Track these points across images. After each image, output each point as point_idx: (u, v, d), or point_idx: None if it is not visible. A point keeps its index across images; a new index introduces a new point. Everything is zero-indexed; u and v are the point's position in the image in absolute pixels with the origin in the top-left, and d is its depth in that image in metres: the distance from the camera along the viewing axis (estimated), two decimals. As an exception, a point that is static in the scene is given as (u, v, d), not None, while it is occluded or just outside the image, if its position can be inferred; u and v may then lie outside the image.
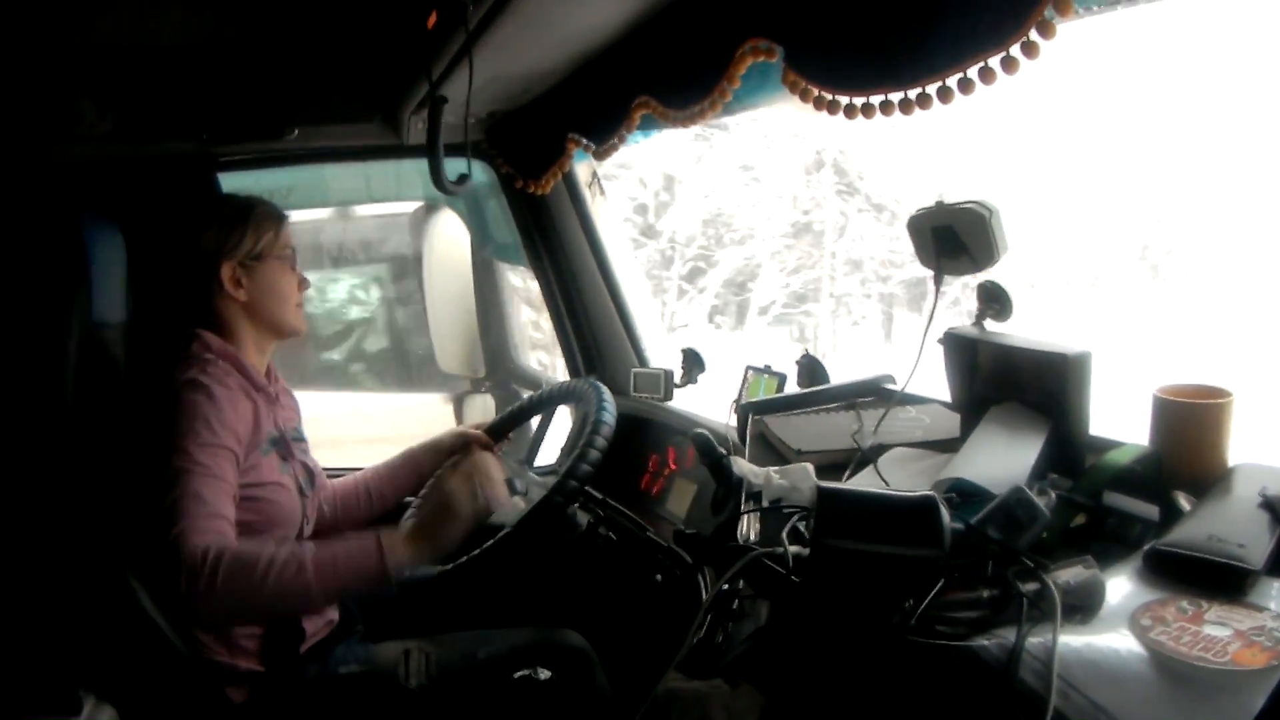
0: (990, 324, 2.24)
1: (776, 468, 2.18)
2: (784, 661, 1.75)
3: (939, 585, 1.59)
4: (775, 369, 3.03)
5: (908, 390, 2.47)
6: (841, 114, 1.93)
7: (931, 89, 1.72)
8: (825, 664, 1.68)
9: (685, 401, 3.40)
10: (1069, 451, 2.05)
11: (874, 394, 2.65)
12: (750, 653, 1.82)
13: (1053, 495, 1.81)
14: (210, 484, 2.20)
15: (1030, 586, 1.57)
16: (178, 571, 2.05)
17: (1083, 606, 1.57)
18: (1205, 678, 1.39)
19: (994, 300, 2.18)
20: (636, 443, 3.17)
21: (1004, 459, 2.01)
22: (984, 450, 2.07)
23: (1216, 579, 1.61)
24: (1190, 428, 1.95)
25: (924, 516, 1.62)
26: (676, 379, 3.38)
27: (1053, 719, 1.37)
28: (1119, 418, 2.01)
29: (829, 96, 1.95)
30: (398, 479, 2.86)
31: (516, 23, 2.20)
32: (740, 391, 3.15)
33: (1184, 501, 1.84)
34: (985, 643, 1.51)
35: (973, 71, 1.62)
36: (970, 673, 1.49)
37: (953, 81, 1.67)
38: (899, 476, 2.14)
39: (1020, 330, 2.15)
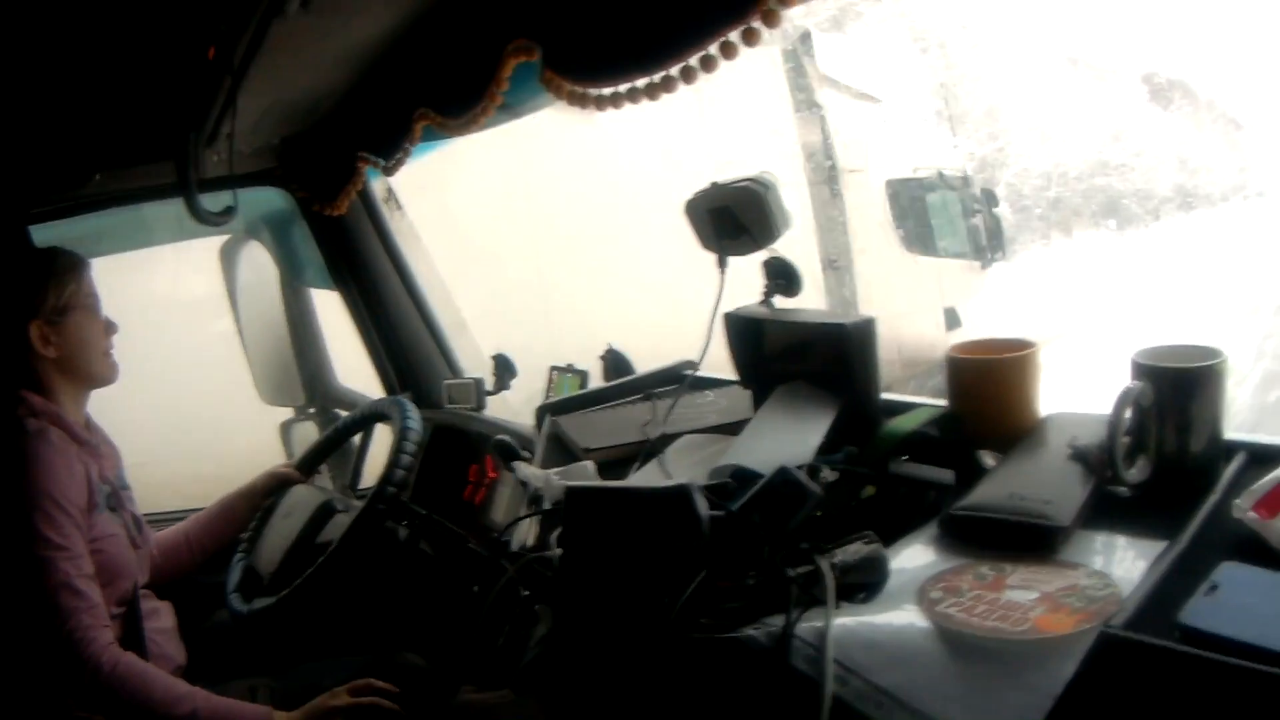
0: (780, 300, 2.16)
1: (558, 469, 2.09)
2: (563, 667, 1.62)
3: (700, 577, 1.48)
4: (578, 367, 2.91)
5: (705, 373, 2.41)
6: (593, 106, 1.94)
7: (676, 70, 1.72)
8: (600, 667, 1.57)
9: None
10: (862, 423, 1.95)
11: (673, 382, 2.49)
12: (537, 660, 1.70)
13: (826, 472, 1.72)
14: (74, 567, 2.17)
15: (804, 569, 1.45)
16: (78, 669, 2.10)
17: (866, 584, 1.45)
18: (1002, 649, 1.29)
19: (781, 276, 2.10)
20: (455, 454, 3.05)
21: (788, 438, 1.89)
22: (766, 432, 1.96)
23: (1022, 539, 1.51)
24: (987, 384, 1.88)
25: (677, 507, 1.52)
26: (488, 386, 3.23)
27: (832, 706, 1.27)
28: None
29: (581, 90, 1.93)
30: (215, 528, 2.74)
31: (290, 46, 2.10)
32: (546, 392, 3.03)
33: (990, 460, 1.75)
34: (753, 632, 1.40)
35: (714, 48, 1.62)
36: (745, 664, 1.39)
37: (695, 60, 1.67)
38: (684, 465, 2.04)
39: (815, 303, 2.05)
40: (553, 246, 6.36)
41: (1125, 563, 1.46)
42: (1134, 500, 1.61)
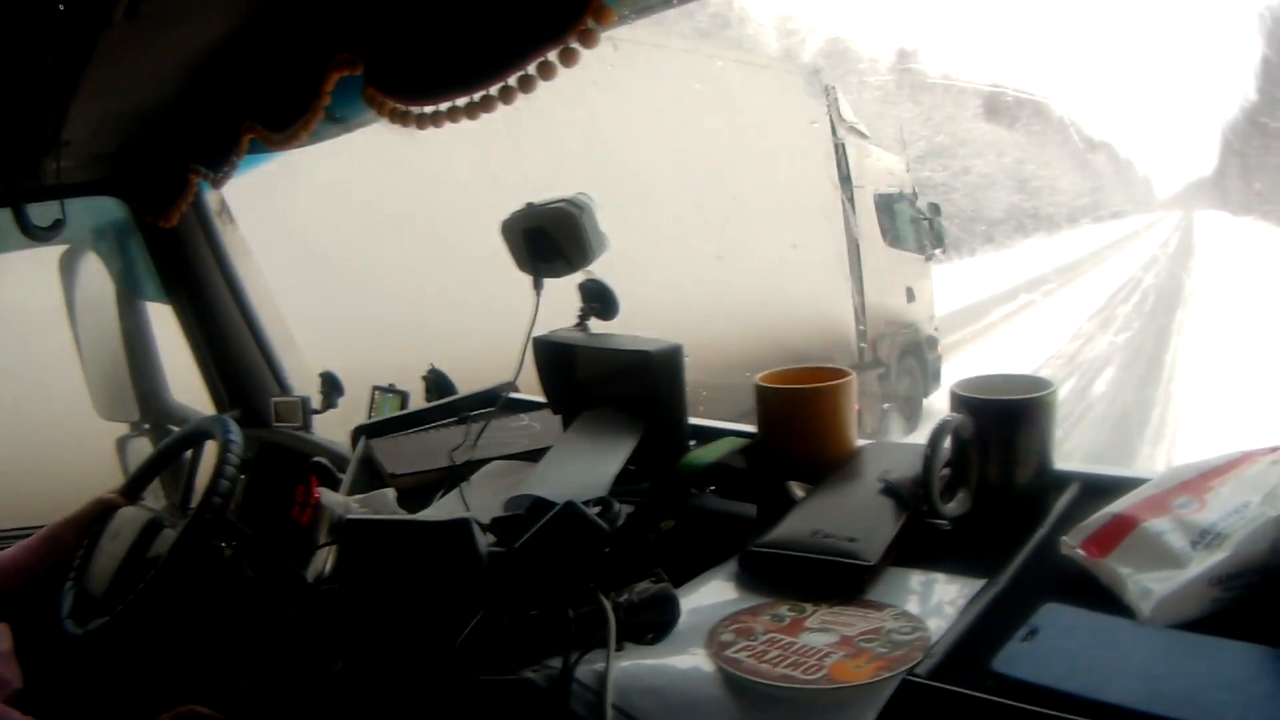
0: (595, 324, 2.07)
1: (360, 496, 1.99)
2: (344, 705, 1.51)
3: (480, 615, 1.37)
4: (399, 387, 2.80)
5: (523, 396, 2.33)
6: (414, 124, 1.90)
7: (495, 90, 1.70)
8: (379, 706, 1.44)
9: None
10: (668, 452, 1.85)
11: (491, 404, 2.38)
12: (321, 696, 1.58)
13: (616, 506, 1.59)
14: None
15: (588, 608, 1.33)
16: None
17: (655, 625, 1.33)
18: (791, 699, 1.16)
19: (596, 299, 2.00)
20: (281, 474, 2.92)
21: (586, 468, 1.79)
22: (565, 461, 1.86)
23: (825, 579, 1.40)
24: (797, 414, 1.76)
25: (456, 542, 1.43)
26: (315, 405, 3.10)
27: None
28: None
29: (403, 108, 1.90)
30: (41, 555, 2.59)
31: (120, 54, 2.06)
32: (369, 412, 2.93)
33: (799, 492, 1.64)
34: (531, 674, 1.29)
35: (533, 68, 1.60)
36: (524, 707, 1.29)
37: (514, 80, 1.65)
38: (486, 493, 1.93)
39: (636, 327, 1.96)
40: (393, 263, 6.23)
41: (940, 603, 1.35)
42: (955, 536, 1.51)
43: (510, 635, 1.34)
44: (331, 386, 3.13)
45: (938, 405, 10.99)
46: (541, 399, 2.19)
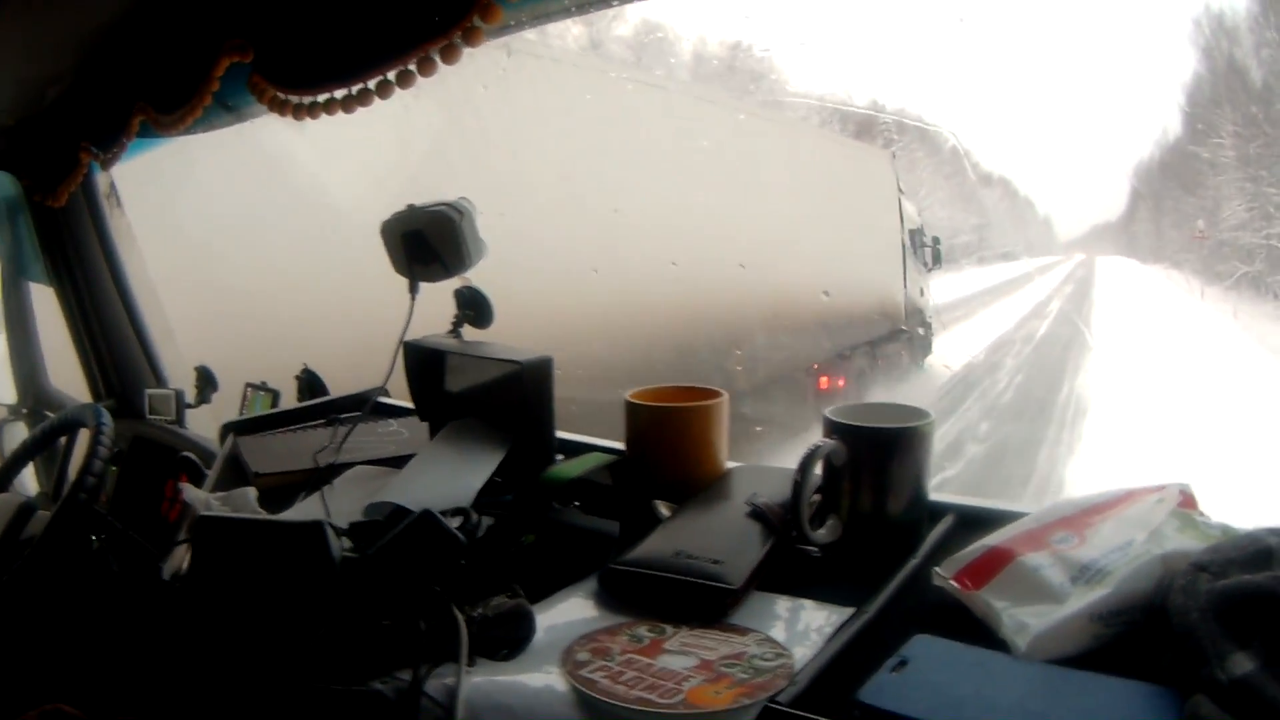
0: (469, 332, 1.98)
1: (221, 494, 1.87)
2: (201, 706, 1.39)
3: (330, 622, 1.27)
4: (271, 385, 2.69)
5: (394, 401, 2.25)
6: (291, 113, 1.86)
7: (373, 84, 1.67)
8: (221, 714, 1.34)
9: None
10: (535, 465, 1.76)
11: (361, 407, 2.27)
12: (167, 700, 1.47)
13: (475, 518, 1.50)
14: None
15: (442, 620, 1.25)
16: None
17: (510, 640, 1.25)
18: None
19: (471, 306, 1.92)
20: (153, 468, 2.79)
21: (450, 478, 1.69)
22: (429, 469, 1.76)
23: (687, 600, 1.32)
24: (666, 431, 1.68)
25: (309, 545, 1.33)
26: (190, 399, 2.97)
27: None
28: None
29: (283, 97, 1.85)
30: None
31: (12, 25, 2.03)
32: (241, 409, 2.84)
33: (665, 511, 1.56)
34: (380, 686, 1.20)
35: (413, 64, 1.58)
36: (374, 719, 1.18)
37: (394, 75, 1.62)
38: (347, 498, 1.82)
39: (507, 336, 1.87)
40: (273, 261, 6.07)
41: (807, 631, 1.27)
42: (825, 563, 1.44)
43: (360, 644, 1.25)
44: (206, 381, 3.01)
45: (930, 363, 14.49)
46: (412, 404, 2.08)
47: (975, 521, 1.45)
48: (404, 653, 1.22)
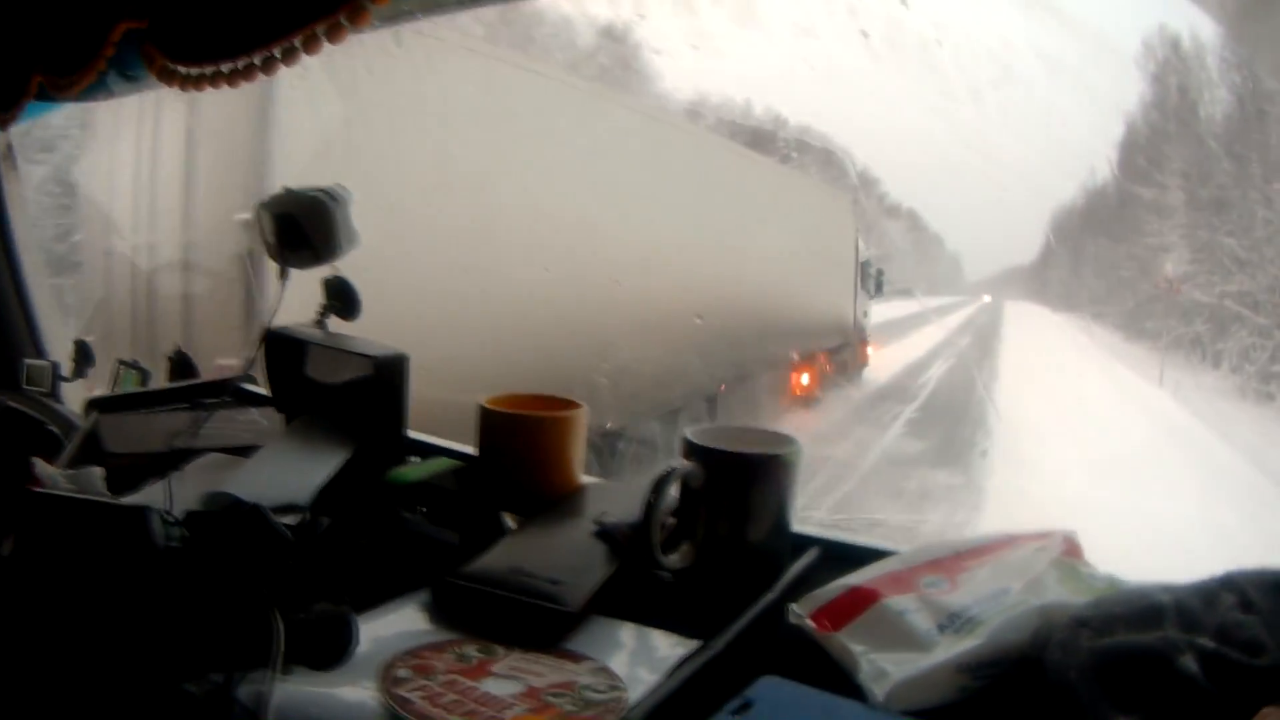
0: (336, 323, 1.89)
1: (69, 471, 1.77)
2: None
3: (146, 615, 1.17)
4: (143, 364, 2.58)
5: (259, 389, 2.15)
6: (179, 85, 1.77)
7: (259, 59, 1.59)
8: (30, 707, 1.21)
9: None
10: (383, 466, 1.67)
11: (227, 394, 2.23)
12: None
13: (309, 517, 1.43)
14: None
15: (261, 623, 1.14)
16: None
17: (329, 649, 1.13)
18: None
19: (338, 297, 1.82)
20: (20, 440, 2.67)
21: (292, 473, 1.59)
22: (272, 463, 1.66)
23: (520, 621, 1.22)
24: (518, 440, 1.58)
25: (132, 530, 1.23)
26: (66, 372, 2.85)
27: None
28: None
29: (171, 67, 1.76)
30: None
31: None
32: (112, 386, 2.74)
33: (513, 524, 1.48)
34: (192, 688, 1.10)
35: (299, 40, 1.51)
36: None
37: (279, 51, 1.55)
38: (193, 485, 1.70)
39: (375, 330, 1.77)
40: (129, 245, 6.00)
41: (649, 662, 1.18)
42: (677, 591, 1.35)
43: (174, 642, 1.15)
44: (83, 356, 2.89)
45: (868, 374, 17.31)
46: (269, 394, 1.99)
47: (842, 557, 1.37)
48: (219, 654, 1.13)
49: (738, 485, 1.33)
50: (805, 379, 13.72)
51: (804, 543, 1.42)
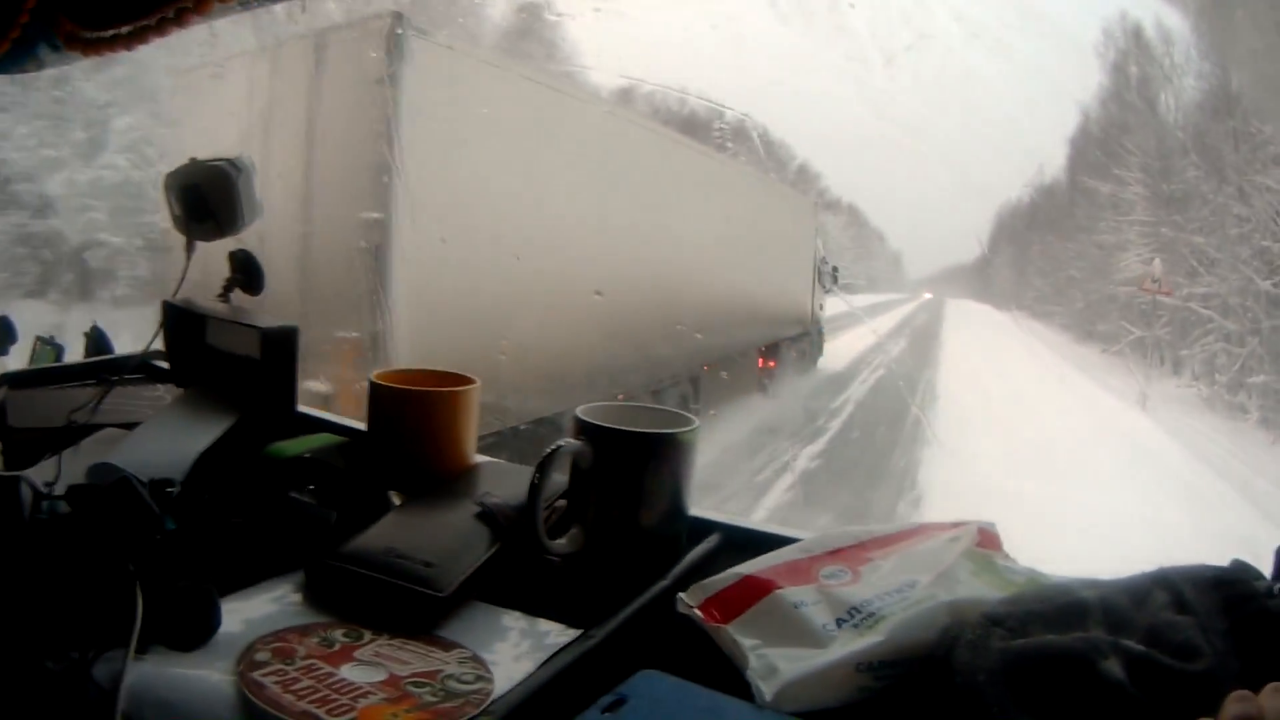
0: (240, 297, 1.82)
1: None
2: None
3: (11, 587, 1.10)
4: (59, 340, 2.52)
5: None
6: (82, 51, 1.76)
7: (154, 20, 1.57)
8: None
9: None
10: (268, 439, 1.59)
11: (134, 370, 2.11)
12: None
13: (181, 490, 1.33)
14: None
15: (124, 598, 1.08)
16: None
17: (191, 629, 1.07)
18: None
19: (242, 270, 1.74)
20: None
21: (169, 446, 1.53)
22: (152, 436, 1.60)
23: (392, 604, 1.14)
24: (407, 416, 1.50)
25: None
26: (-26, 348, 2.79)
27: None
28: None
29: (78, 33, 1.74)
30: None
31: None
32: (30, 361, 2.67)
33: (398, 503, 1.39)
34: (50, 664, 1.02)
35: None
36: (41, 698, 1.01)
37: (173, 12, 1.54)
38: (90, 459, 1.59)
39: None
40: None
41: (524, 652, 1.10)
42: (564, 577, 1.27)
43: (35, 617, 1.09)
44: (5, 332, 2.81)
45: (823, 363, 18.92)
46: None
47: (744, 544, 1.29)
48: (79, 630, 1.06)
49: (629, 466, 1.25)
50: (768, 364, 15.24)
51: (704, 528, 1.35)
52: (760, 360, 15.06)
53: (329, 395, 6.35)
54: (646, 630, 1.13)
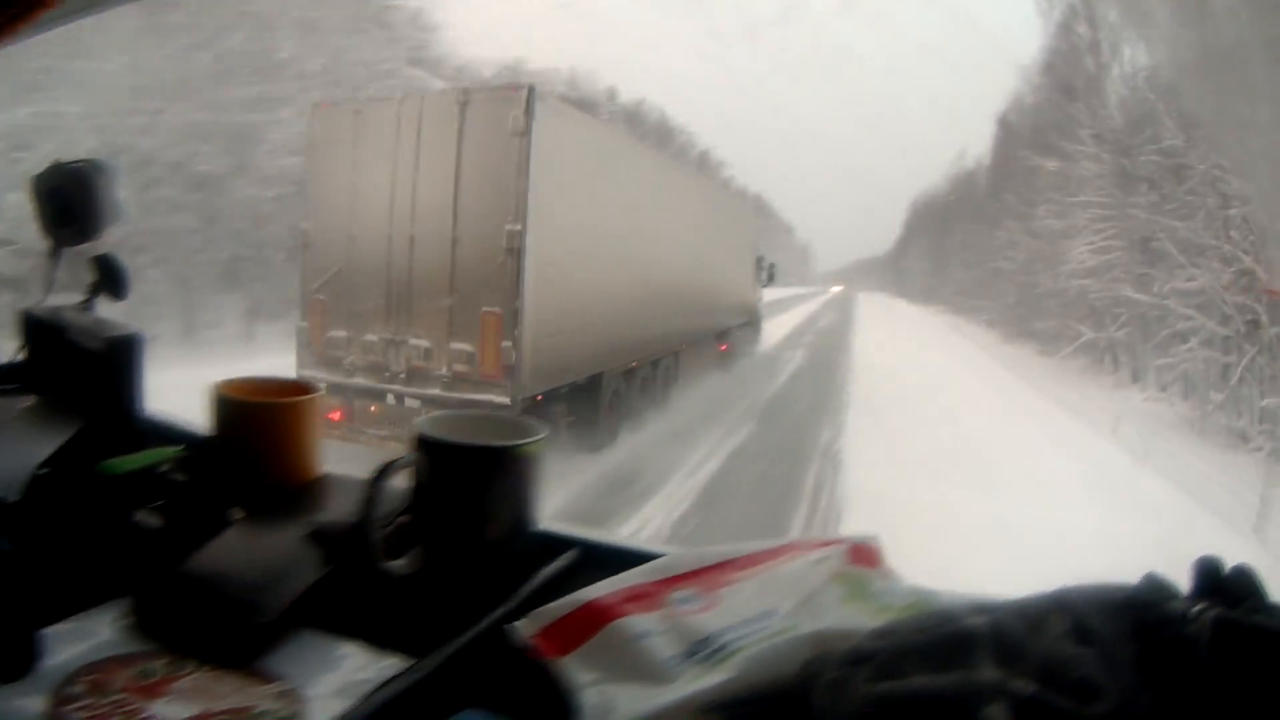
0: (104, 302, 1.48)
1: None
2: None
3: None
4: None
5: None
6: None
7: None
8: None
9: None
10: (112, 452, 1.26)
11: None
12: None
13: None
14: None
15: None
16: None
17: (10, 662, 0.81)
18: None
19: (106, 275, 1.45)
20: None
21: (10, 457, 1.22)
22: None
23: (211, 632, 0.88)
24: (249, 429, 1.20)
25: None
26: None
27: None
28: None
29: None
30: None
31: None
32: None
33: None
34: None
35: None
36: None
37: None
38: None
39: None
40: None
41: (349, 685, 0.84)
42: (400, 602, 0.98)
43: None
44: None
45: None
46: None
47: (604, 561, 1.02)
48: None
49: (468, 481, 1.01)
50: (722, 347, 15.52)
51: (561, 544, 1.10)
52: (719, 344, 15.50)
53: (472, 353, 7.53)
54: (483, 661, 0.90)
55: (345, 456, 1.28)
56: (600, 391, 9.05)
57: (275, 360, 8.83)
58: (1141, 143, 15.16)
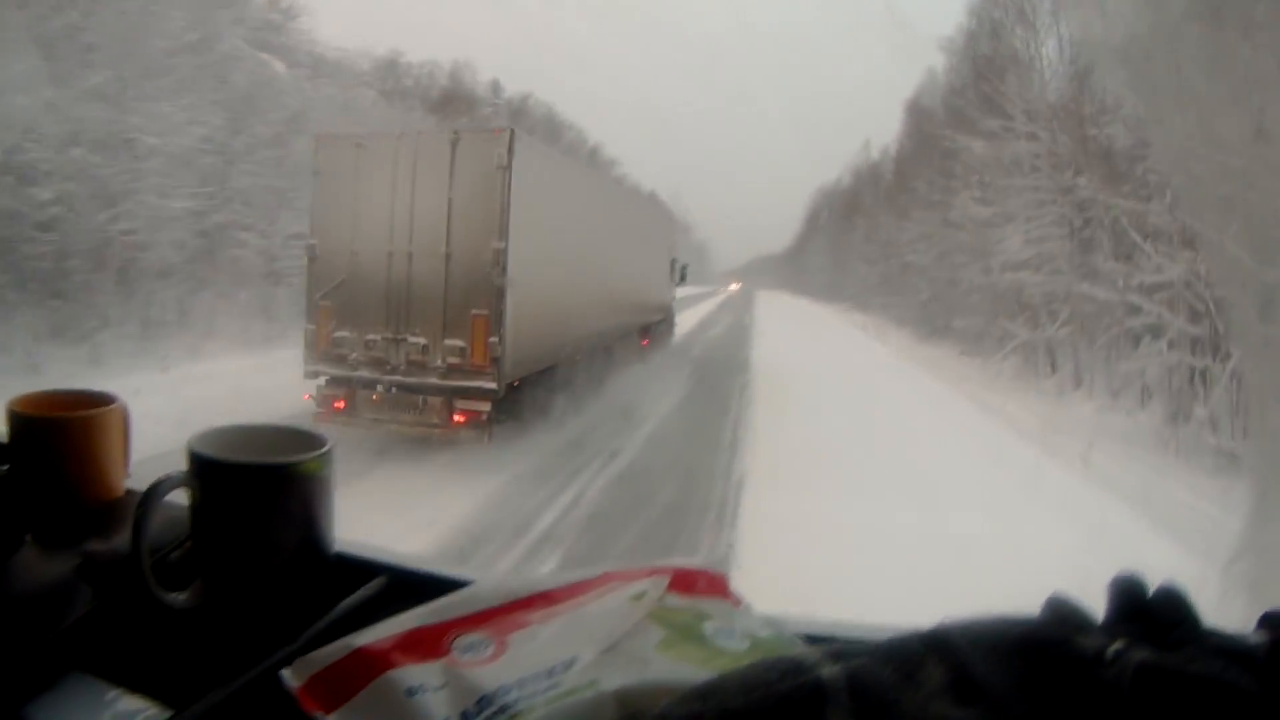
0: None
1: None
2: None
3: None
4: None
5: None
6: None
7: None
8: None
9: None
10: None
11: None
12: None
13: None
14: None
15: None
16: None
17: None
18: None
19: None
20: None
21: None
22: None
23: None
24: (47, 446, 0.93)
25: None
26: None
27: None
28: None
29: None
30: None
31: None
32: None
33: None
34: None
35: None
36: None
37: None
38: None
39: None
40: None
41: None
42: (181, 639, 0.72)
43: None
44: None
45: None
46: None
47: (414, 590, 0.74)
48: None
49: (244, 503, 0.76)
50: (644, 341, 15.26)
51: (365, 571, 0.84)
52: (642, 339, 15.26)
53: (464, 348, 7.45)
54: (256, 709, 0.65)
55: (347, 442, 1.02)
56: (556, 378, 9.12)
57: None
58: (1093, 115, 11.79)
